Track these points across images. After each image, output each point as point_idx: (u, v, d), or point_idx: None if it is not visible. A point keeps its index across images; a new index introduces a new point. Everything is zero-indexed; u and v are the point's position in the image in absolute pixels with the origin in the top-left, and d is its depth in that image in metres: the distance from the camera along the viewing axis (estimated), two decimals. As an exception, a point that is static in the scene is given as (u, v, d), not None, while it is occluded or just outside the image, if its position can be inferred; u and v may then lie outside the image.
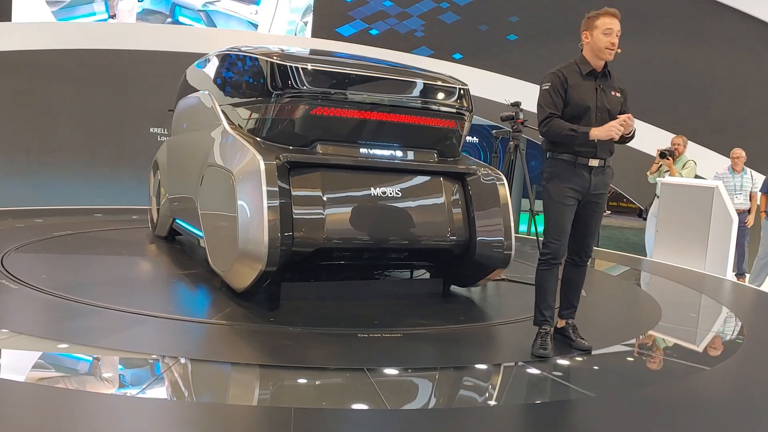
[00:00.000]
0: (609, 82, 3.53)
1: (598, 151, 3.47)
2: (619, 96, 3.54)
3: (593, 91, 3.47)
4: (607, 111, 3.46)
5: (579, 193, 3.51)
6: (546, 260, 3.60)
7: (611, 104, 3.49)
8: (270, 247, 3.80)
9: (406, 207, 4.39)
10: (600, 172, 3.52)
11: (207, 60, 5.63)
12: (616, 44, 3.46)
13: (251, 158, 4.00)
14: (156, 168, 6.66)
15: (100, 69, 9.88)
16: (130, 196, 9.01)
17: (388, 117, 4.40)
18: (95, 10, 10.18)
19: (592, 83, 3.49)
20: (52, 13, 9.99)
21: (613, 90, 3.53)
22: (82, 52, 9.85)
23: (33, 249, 5.59)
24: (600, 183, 3.54)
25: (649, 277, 6.71)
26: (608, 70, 3.55)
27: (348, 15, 10.62)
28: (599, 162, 3.49)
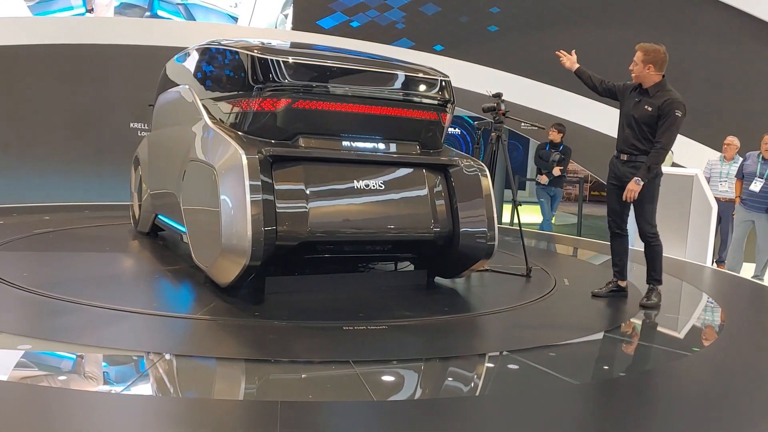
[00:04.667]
0: (647, 99, 4.46)
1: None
2: (650, 110, 4.42)
3: (631, 101, 4.54)
4: (634, 118, 4.49)
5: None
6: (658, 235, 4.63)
7: (639, 114, 4.47)
8: (254, 241, 3.79)
9: (389, 199, 4.40)
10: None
11: (187, 54, 5.59)
12: (631, 68, 4.53)
13: (233, 152, 3.98)
14: (137, 164, 6.61)
15: (79, 64, 9.77)
16: (111, 192, 8.93)
17: (370, 109, 4.40)
18: (72, 4, 10.05)
19: (634, 96, 4.55)
20: (28, 8, 9.86)
21: (647, 105, 4.44)
22: (59, 46, 9.72)
23: (14, 247, 5.53)
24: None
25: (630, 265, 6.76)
26: (649, 89, 4.48)
27: (329, 7, 10.58)
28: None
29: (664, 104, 4.39)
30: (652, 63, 4.45)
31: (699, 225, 7.57)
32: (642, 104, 4.48)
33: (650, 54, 4.46)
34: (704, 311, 5.03)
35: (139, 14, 10.37)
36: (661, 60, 4.47)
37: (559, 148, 8.74)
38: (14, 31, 9.59)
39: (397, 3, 10.62)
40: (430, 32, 10.63)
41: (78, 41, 9.79)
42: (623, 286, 4.85)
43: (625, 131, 4.57)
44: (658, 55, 4.46)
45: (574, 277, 5.75)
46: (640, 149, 4.50)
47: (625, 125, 4.57)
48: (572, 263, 7.07)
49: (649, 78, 4.48)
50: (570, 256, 7.51)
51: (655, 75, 4.47)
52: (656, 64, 4.46)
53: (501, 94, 5.58)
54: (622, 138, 4.60)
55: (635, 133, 4.51)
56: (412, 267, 5.06)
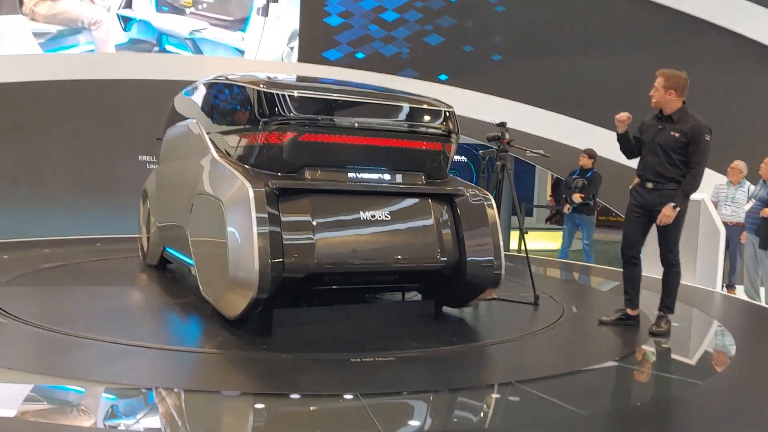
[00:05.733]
0: (672, 125, 4.46)
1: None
2: (677, 135, 4.42)
3: (655, 130, 4.53)
4: (660, 145, 4.48)
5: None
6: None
7: (665, 141, 4.47)
8: (261, 273, 3.80)
9: (395, 229, 4.41)
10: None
11: (194, 88, 5.66)
12: (651, 95, 4.53)
13: (240, 186, 4.02)
14: (145, 197, 6.66)
15: (88, 99, 9.90)
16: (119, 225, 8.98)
17: (375, 141, 4.44)
18: (80, 41, 10.22)
19: (656, 124, 4.56)
20: (39, 45, 10.02)
21: (673, 131, 4.44)
22: (69, 82, 9.86)
23: (23, 282, 5.56)
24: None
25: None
26: (673, 115, 4.49)
27: (333, 39, 10.71)
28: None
29: (691, 129, 4.40)
30: (673, 88, 4.47)
31: (708, 250, 7.54)
32: (667, 131, 4.47)
33: (671, 80, 4.48)
34: (715, 338, 4.99)
35: (148, 49, 10.53)
36: (682, 85, 4.49)
37: (587, 175, 8.67)
38: (26, 68, 9.75)
39: (401, 34, 10.74)
40: (435, 62, 10.73)
41: (87, 77, 9.94)
42: (633, 314, 4.77)
43: (649, 159, 4.54)
44: (679, 81, 4.48)
45: (583, 305, 5.73)
46: (666, 177, 4.47)
47: (649, 153, 4.54)
48: (581, 290, 7.04)
49: (670, 104, 4.49)
50: (578, 283, 7.48)
51: (676, 101, 4.48)
52: (677, 89, 4.47)
53: (505, 123, 5.62)
54: (646, 166, 4.56)
55: (661, 161, 4.48)
56: (419, 297, 5.06)
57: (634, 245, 4.68)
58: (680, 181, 4.46)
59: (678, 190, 4.44)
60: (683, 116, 4.47)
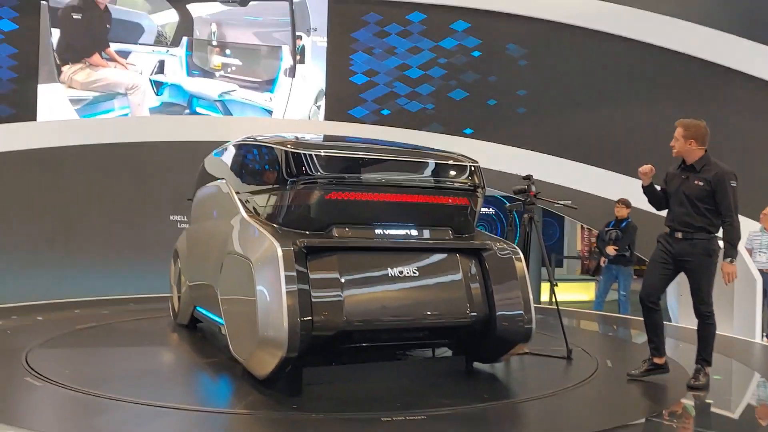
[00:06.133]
0: (695, 174, 4.45)
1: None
2: (701, 184, 4.41)
3: (679, 180, 4.53)
4: (685, 195, 4.46)
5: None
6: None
7: (690, 190, 4.45)
8: (290, 332, 3.80)
9: (424, 285, 4.40)
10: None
11: (224, 149, 5.79)
12: (672, 145, 4.55)
13: (269, 245, 4.06)
14: (176, 257, 6.75)
15: (122, 161, 10.16)
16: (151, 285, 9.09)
17: (402, 197, 4.48)
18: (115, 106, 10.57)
19: (680, 174, 4.55)
20: (75, 111, 10.38)
21: (697, 180, 4.43)
22: (103, 146, 10.15)
23: (56, 343, 5.63)
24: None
25: (675, 344, 6.58)
26: (695, 164, 4.48)
27: (359, 97, 10.92)
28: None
29: (715, 177, 4.38)
30: (693, 138, 4.47)
31: (744, 299, 7.38)
32: (691, 180, 4.47)
33: (690, 129, 4.48)
34: (757, 390, 4.84)
35: (179, 112, 10.83)
36: (702, 134, 4.48)
37: (622, 225, 8.60)
38: (62, 133, 10.08)
39: (425, 90, 10.92)
40: (460, 116, 10.86)
41: (121, 140, 10.23)
42: (661, 363, 4.64)
43: (676, 209, 4.52)
44: (699, 130, 4.48)
45: (618, 358, 5.60)
46: (695, 226, 4.43)
47: (676, 204, 4.53)
48: (615, 343, 6.90)
49: (691, 153, 4.49)
50: (613, 336, 7.34)
51: (697, 150, 4.48)
52: (698, 138, 4.47)
53: (531, 176, 5.63)
54: (674, 216, 4.54)
55: (688, 210, 4.45)
56: (449, 353, 5.00)
57: (654, 292, 4.59)
58: (710, 230, 4.42)
59: (708, 240, 4.41)
60: (706, 165, 4.46)
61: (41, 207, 9.89)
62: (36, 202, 9.88)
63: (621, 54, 10.39)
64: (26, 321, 6.90)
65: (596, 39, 10.46)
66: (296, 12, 11.05)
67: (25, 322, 6.85)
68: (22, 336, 5.87)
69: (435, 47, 10.93)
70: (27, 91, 10.09)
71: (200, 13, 10.84)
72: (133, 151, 10.21)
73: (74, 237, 10.00)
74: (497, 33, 10.81)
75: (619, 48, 10.37)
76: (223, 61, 10.95)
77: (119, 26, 10.62)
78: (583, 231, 17.82)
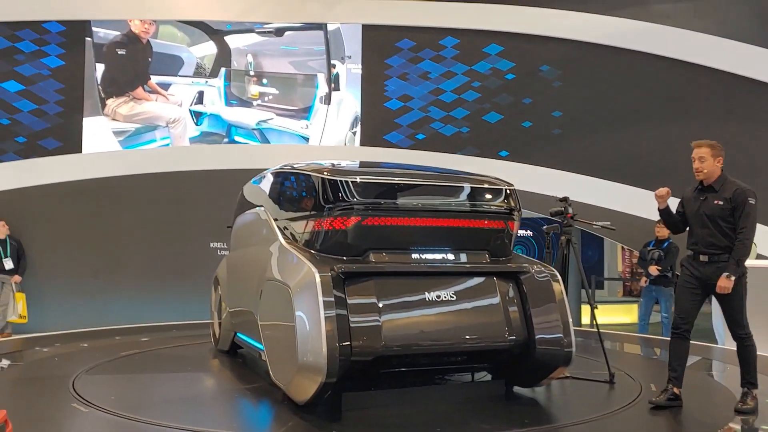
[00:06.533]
0: (714, 194, 4.43)
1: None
2: (721, 204, 4.38)
3: (698, 202, 4.49)
4: (706, 216, 4.41)
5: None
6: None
7: (710, 211, 4.41)
8: (329, 357, 3.83)
9: (461, 309, 4.40)
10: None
11: (262, 177, 5.90)
12: (700, 168, 4.47)
13: (307, 271, 4.12)
14: (216, 283, 6.86)
15: (163, 190, 10.40)
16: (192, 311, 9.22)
17: (438, 222, 4.50)
18: (157, 137, 10.84)
19: (698, 196, 4.51)
20: (119, 142, 10.68)
21: (716, 199, 4.40)
22: (145, 176, 10.42)
23: (102, 370, 5.75)
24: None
25: (722, 366, 6.43)
26: (714, 184, 4.45)
27: (394, 122, 11.01)
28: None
29: (735, 195, 4.35)
30: (720, 156, 4.47)
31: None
32: (710, 201, 4.43)
33: (716, 148, 4.48)
34: (808, 414, 4.68)
35: (218, 141, 11.06)
36: (723, 153, 4.49)
37: (663, 245, 8.48)
38: (107, 164, 10.37)
39: (459, 114, 10.96)
40: (494, 139, 10.85)
41: (162, 170, 10.48)
42: (679, 393, 4.50)
43: (699, 231, 4.48)
44: (722, 148, 4.49)
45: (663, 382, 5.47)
46: (720, 246, 4.38)
47: (697, 226, 4.49)
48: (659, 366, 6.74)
49: (715, 173, 4.46)
50: (657, 359, 7.19)
51: (718, 169, 4.47)
52: (722, 157, 4.48)
53: (567, 198, 5.60)
54: (697, 239, 4.49)
55: (711, 232, 4.40)
56: (489, 377, 4.97)
57: (688, 319, 4.50)
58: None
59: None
60: (724, 183, 4.44)
61: (86, 236, 10.16)
62: (81, 232, 10.15)
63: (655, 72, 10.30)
64: (72, 348, 7.07)
65: (630, 58, 10.40)
66: (331, 40, 11.23)
67: (71, 349, 7.02)
68: (69, 363, 6.02)
69: (469, 71, 10.98)
70: (73, 125, 10.42)
71: (237, 45, 11.10)
72: (174, 180, 10.44)
73: (117, 265, 10.22)
74: (530, 55, 10.83)
75: (653, 66, 10.29)
76: (260, 91, 11.16)
77: (160, 59, 10.93)
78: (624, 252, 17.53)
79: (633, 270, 17.15)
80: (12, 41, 10.23)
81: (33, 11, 10.30)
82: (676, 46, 10.17)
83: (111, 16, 10.66)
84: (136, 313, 9.54)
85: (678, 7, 10.34)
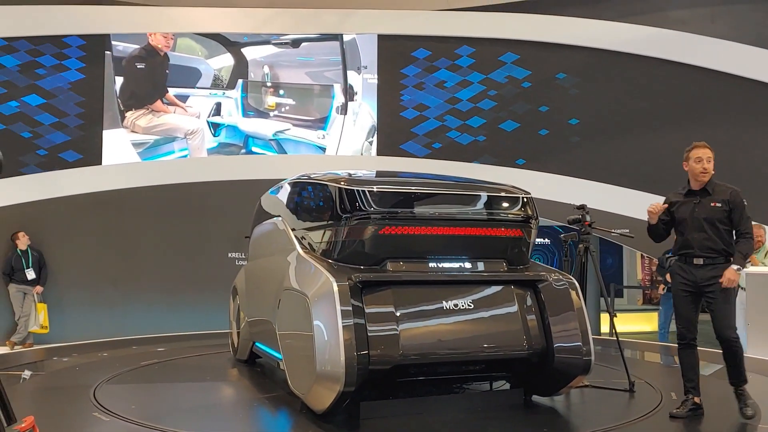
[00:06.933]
0: (709, 197, 4.39)
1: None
2: (719, 206, 4.35)
3: (691, 205, 4.42)
4: (704, 219, 4.36)
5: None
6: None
7: (707, 214, 4.36)
8: (347, 366, 3.85)
9: (479, 318, 4.40)
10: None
11: (279, 187, 5.94)
12: (708, 169, 4.41)
13: (325, 281, 4.13)
14: (235, 293, 6.90)
15: (181, 201, 10.48)
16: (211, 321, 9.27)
17: (455, 231, 4.51)
18: (175, 149, 10.94)
19: (690, 200, 4.45)
20: (137, 154, 10.79)
21: (713, 202, 4.37)
22: (164, 187, 10.51)
23: (122, 380, 5.80)
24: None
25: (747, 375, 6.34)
26: (708, 187, 4.42)
27: (410, 132, 11.02)
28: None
29: (732, 197, 4.38)
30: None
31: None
32: (706, 204, 4.41)
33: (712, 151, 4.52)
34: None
35: (235, 152, 11.14)
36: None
37: None
38: (126, 176, 10.48)
39: (476, 123, 10.95)
40: (511, 147, 10.83)
41: (181, 181, 10.57)
42: (699, 402, 4.50)
43: (694, 236, 4.42)
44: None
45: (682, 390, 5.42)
46: (716, 250, 4.37)
47: (691, 230, 4.43)
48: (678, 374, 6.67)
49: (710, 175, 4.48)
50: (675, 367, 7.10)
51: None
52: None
53: (585, 205, 5.59)
54: (691, 243, 4.43)
55: (708, 235, 4.37)
56: (507, 386, 4.95)
57: (692, 327, 4.51)
58: (730, 253, 4.36)
59: (730, 264, 4.32)
60: (716, 186, 4.45)
61: (106, 247, 10.25)
62: (101, 242, 10.25)
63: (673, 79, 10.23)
64: (92, 358, 7.14)
65: (647, 65, 10.34)
66: (346, 51, 11.30)
67: (92, 359, 7.09)
68: (90, 373, 6.08)
69: (485, 79, 10.98)
70: (93, 137, 10.54)
71: (254, 56, 11.19)
72: (192, 191, 10.53)
73: (137, 275, 10.30)
74: (547, 63, 10.80)
75: (670, 73, 10.22)
76: (276, 101, 11.24)
77: (178, 71, 11.04)
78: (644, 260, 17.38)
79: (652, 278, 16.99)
80: (33, 56, 10.39)
81: (54, 26, 10.45)
82: (694, 53, 10.10)
83: (130, 29, 10.81)
84: (154, 323, 9.61)
85: (695, 13, 10.28)
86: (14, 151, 9.99)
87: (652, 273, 16.99)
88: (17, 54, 10.32)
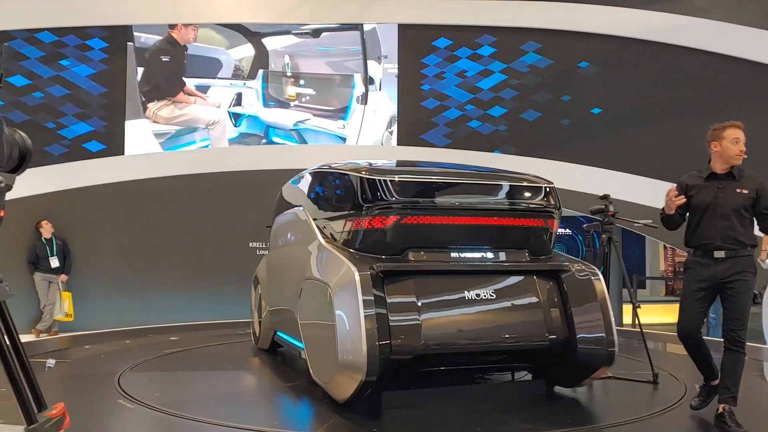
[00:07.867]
0: (734, 183, 3.99)
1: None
2: (746, 192, 3.95)
3: (714, 190, 4.01)
4: (729, 207, 3.95)
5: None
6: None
7: (734, 200, 3.96)
8: (369, 356, 3.84)
9: (501, 308, 4.37)
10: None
11: (300, 177, 5.95)
12: (743, 151, 3.99)
13: (346, 270, 4.13)
14: (256, 283, 6.94)
15: (203, 191, 10.55)
16: (232, 311, 9.33)
17: (477, 220, 4.48)
18: (196, 139, 11.01)
19: (713, 184, 4.03)
20: (159, 144, 10.87)
21: (739, 188, 3.97)
22: (185, 177, 10.59)
23: (146, 368, 5.86)
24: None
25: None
26: (734, 171, 4.02)
27: (431, 121, 10.99)
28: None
29: (760, 185, 3.98)
30: None
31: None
32: (731, 190, 3.98)
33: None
34: None
35: (256, 142, 11.18)
36: None
37: None
38: (148, 166, 10.57)
39: (497, 112, 10.89)
40: (533, 137, 10.76)
41: (202, 171, 10.63)
42: (716, 384, 4.13)
43: (715, 224, 3.97)
44: None
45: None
46: (740, 241, 3.93)
47: (714, 218, 3.98)
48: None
49: None
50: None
51: None
52: None
53: (608, 195, 5.53)
54: (712, 233, 3.97)
55: (732, 224, 3.93)
56: (529, 376, 4.93)
57: (695, 328, 4.10)
58: (751, 245, 3.96)
59: (751, 256, 3.95)
60: (741, 171, 4.03)
61: (129, 236, 10.36)
62: (124, 232, 10.36)
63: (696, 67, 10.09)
64: (116, 346, 7.22)
65: (670, 53, 10.20)
66: (367, 40, 11.27)
67: (116, 347, 7.17)
68: (114, 360, 6.15)
69: (506, 69, 10.91)
70: (116, 128, 10.64)
71: (275, 46, 11.20)
72: (213, 181, 10.59)
73: (159, 264, 10.40)
74: (568, 52, 10.70)
75: (694, 61, 10.08)
76: (297, 92, 11.25)
77: (199, 62, 11.09)
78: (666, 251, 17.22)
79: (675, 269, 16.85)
80: (57, 47, 10.49)
81: (76, 17, 10.54)
82: (718, 40, 9.95)
83: (152, 20, 10.86)
84: (177, 312, 9.70)
85: (720, -1, 10.12)
86: (38, 142, 10.03)
87: (675, 264, 16.85)
88: (41, 45, 10.42)
